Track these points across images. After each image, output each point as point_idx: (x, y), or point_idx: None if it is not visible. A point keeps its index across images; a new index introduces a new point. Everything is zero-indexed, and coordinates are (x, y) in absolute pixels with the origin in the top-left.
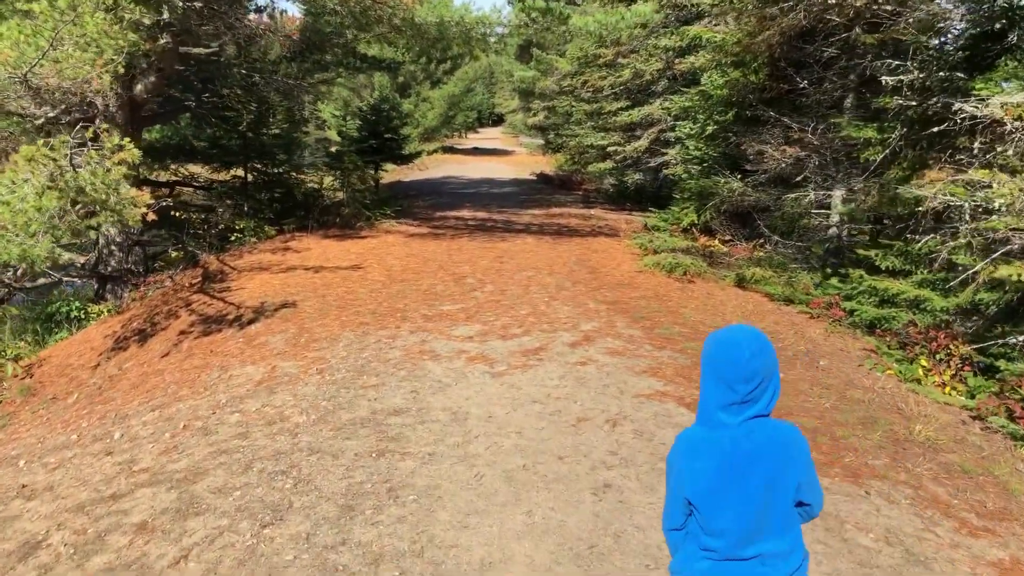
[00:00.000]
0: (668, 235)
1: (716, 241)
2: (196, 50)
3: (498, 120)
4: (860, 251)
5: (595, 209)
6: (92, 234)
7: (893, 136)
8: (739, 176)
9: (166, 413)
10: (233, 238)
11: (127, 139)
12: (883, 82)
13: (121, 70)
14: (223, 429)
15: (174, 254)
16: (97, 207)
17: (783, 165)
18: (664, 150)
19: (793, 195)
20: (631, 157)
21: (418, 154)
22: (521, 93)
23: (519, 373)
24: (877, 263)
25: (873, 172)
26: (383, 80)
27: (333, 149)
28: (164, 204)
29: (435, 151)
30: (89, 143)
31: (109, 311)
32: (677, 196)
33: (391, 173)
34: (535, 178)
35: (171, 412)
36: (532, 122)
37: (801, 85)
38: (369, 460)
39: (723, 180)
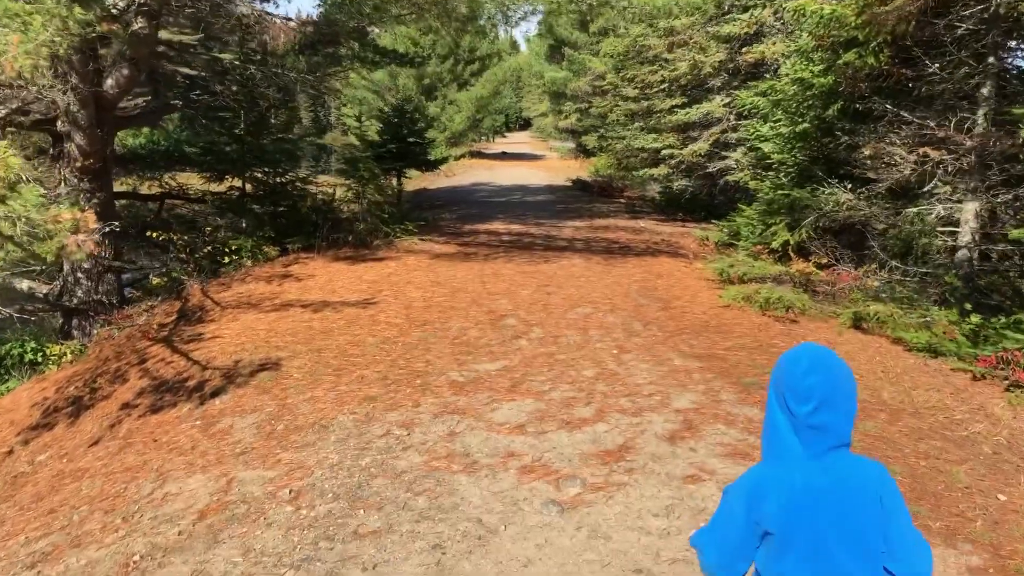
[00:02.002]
0: (747, 255)
1: (811, 265)
2: (178, 37)
3: (525, 124)
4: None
5: (643, 220)
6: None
7: None
8: (848, 186)
9: (50, 572)
10: (227, 260)
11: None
12: None
13: (61, 51)
14: None
15: (155, 281)
16: None
17: (906, 171)
18: (724, 153)
19: (914, 208)
20: (687, 161)
21: (444, 160)
22: (552, 95)
23: (602, 503)
24: None
25: None
26: (407, 81)
27: (346, 154)
28: (148, 220)
29: (462, 156)
30: None
31: (73, 352)
32: (746, 207)
33: (415, 180)
34: (571, 184)
35: (58, 571)
36: (563, 125)
37: (930, 70)
38: None
39: (826, 191)
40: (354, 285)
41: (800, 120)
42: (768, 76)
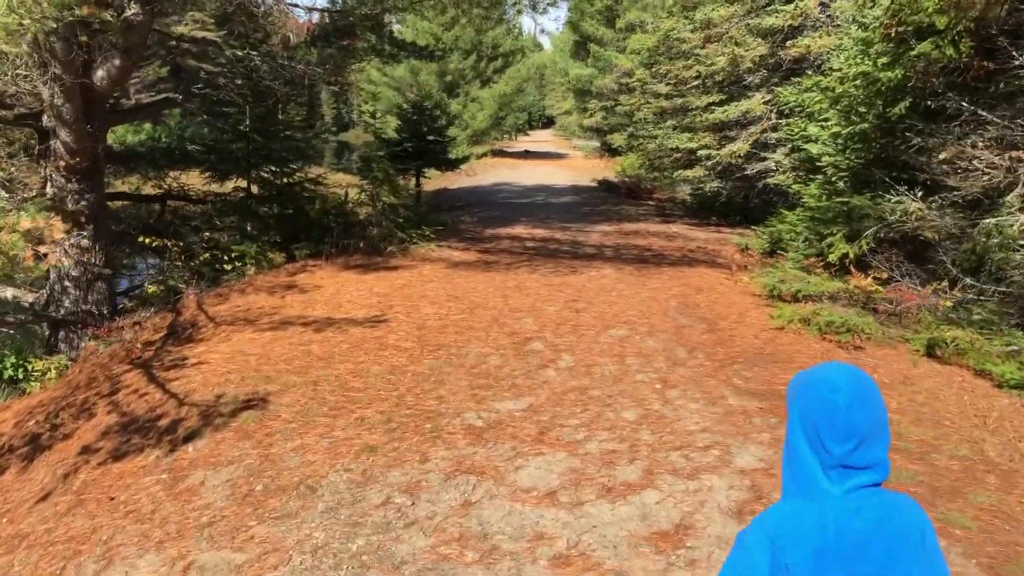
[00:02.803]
0: (797, 268)
1: (871, 281)
2: (179, 29)
3: (548, 122)
4: None
5: (675, 225)
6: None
7: None
8: (918, 193)
9: None
10: (229, 268)
11: None
12: None
13: (29, 36)
14: None
15: (151, 289)
16: None
17: (995, 178)
18: (764, 154)
19: (993, 219)
20: (725, 163)
21: (466, 159)
22: (576, 93)
23: None
24: None
25: None
26: (429, 78)
27: (356, 156)
28: (151, 223)
29: (484, 155)
30: None
31: (57, 368)
32: (788, 212)
33: (436, 179)
34: (597, 185)
35: None
36: (588, 123)
37: (1016, 62)
38: None
39: (892, 198)
40: (363, 299)
41: (858, 119)
42: (811, 72)
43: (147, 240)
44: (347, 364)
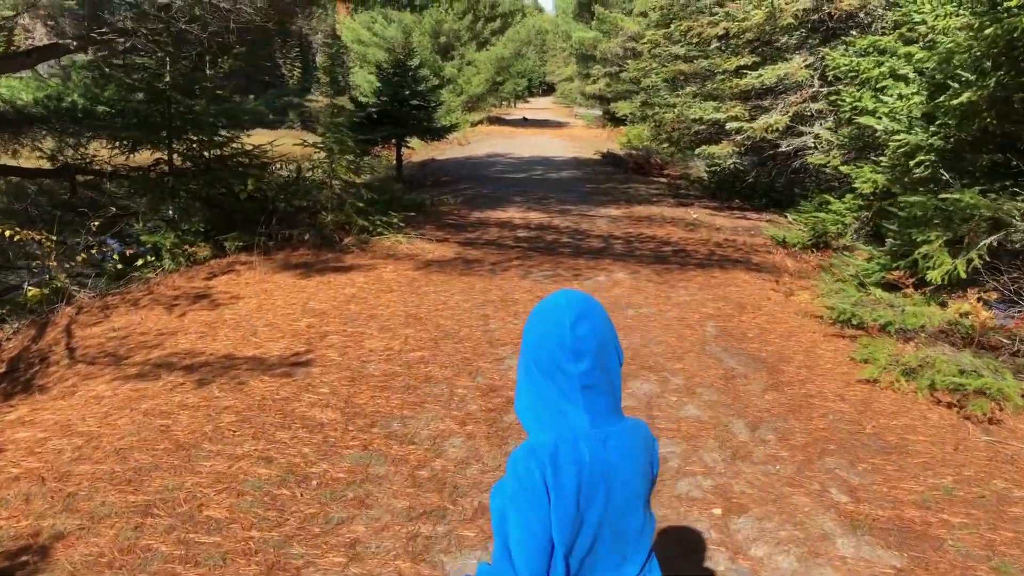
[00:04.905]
0: (876, 284)
1: (979, 306)
2: None
3: (549, 89)
4: None
5: (694, 209)
6: None
7: None
8: None
9: None
10: (140, 263)
11: None
12: None
13: None
14: None
15: (31, 292)
16: None
17: None
18: (801, 128)
19: None
20: (758, 138)
21: (455, 126)
22: (579, 58)
23: None
24: None
25: None
26: (423, 39)
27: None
28: (65, 200)
29: (480, 122)
30: None
31: None
32: (833, 199)
33: (423, 149)
34: (601, 158)
35: None
36: (591, 90)
37: None
38: None
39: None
40: (290, 320)
41: (960, 88)
42: (855, 33)
43: (7, 232)
44: (217, 462)
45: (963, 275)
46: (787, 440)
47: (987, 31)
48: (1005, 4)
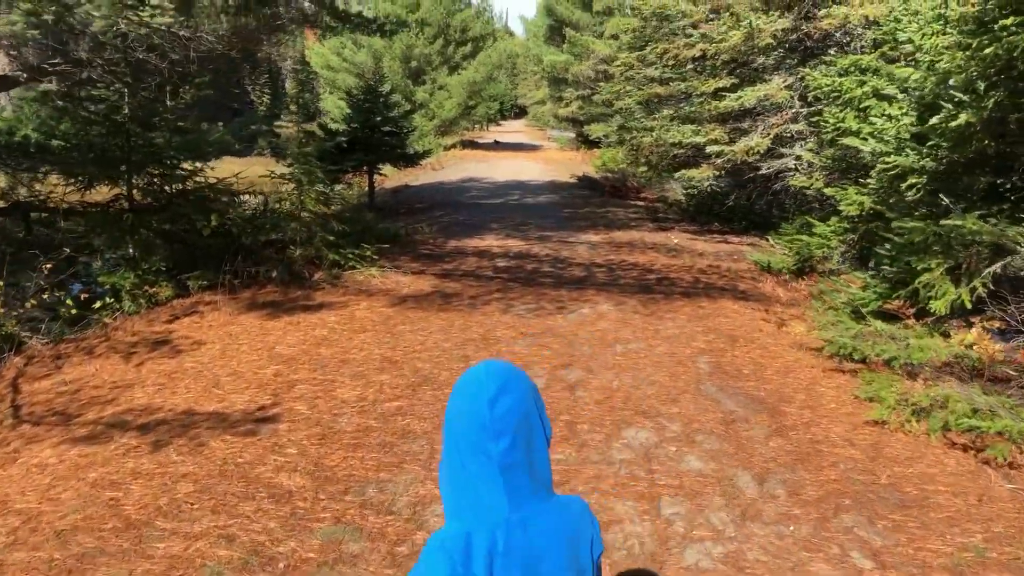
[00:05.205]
0: (873, 314)
1: (984, 336)
2: None
3: (521, 112)
4: None
5: (674, 233)
6: None
7: None
8: None
9: None
10: (98, 305)
11: None
12: None
13: None
14: None
15: None
16: None
17: None
18: (782, 150)
19: None
20: (739, 160)
21: (427, 153)
22: (551, 80)
23: None
24: None
25: None
26: (393, 63)
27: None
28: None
29: (453, 146)
30: None
31: None
32: (816, 222)
33: (397, 175)
34: (577, 181)
35: None
36: (563, 113)
37: None
38: None
39: None
40: (255, 368)
41: (954, 109)
42: (833, 52)
43: None
44: (172, 543)
45: (968, 305)
46: (798, 494)
47: (986, 51)
48: (1001, 23)
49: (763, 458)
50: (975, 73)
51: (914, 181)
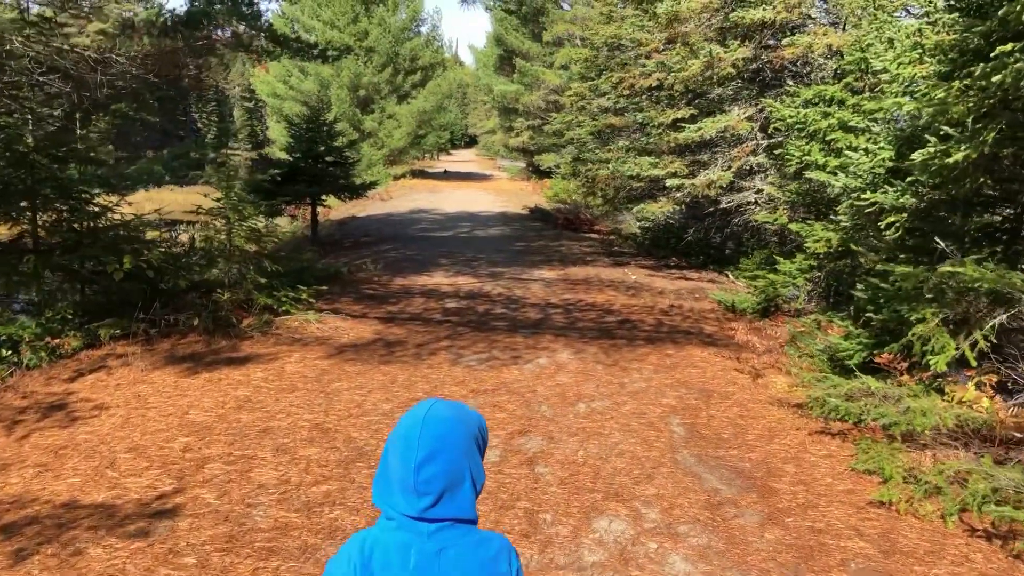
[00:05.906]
0: (861, 367)
1: (988, 392)
2: None
3: (471, 141)
4: None
5: (631, 269)
6: None
7: None
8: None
9: None
10: None
11: None
12: None
13: None
14: None
15: None
16: None
17: None
18: (742, 183)
19: None
20: (699, 194)
21: (374, 183)
22: (501, 110)
23: None
24: None
25: None
26: (341, 92)
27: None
28: None
29: (403, 175)
30: None
31: None
32: (782, 259)
33: (342, 207)
34: (529, 213)
35: None
36: (514, 143)
37: None
38: None
39: None
40: (162, 440)
41: (945, 144)
42: (791, 83)
43: None
44: None
45: (973, 363)
46: None
47: (994, 79)
48: (1000, 48)
49: (760, 555)
50: (971, 104)
51: (893, 219)
